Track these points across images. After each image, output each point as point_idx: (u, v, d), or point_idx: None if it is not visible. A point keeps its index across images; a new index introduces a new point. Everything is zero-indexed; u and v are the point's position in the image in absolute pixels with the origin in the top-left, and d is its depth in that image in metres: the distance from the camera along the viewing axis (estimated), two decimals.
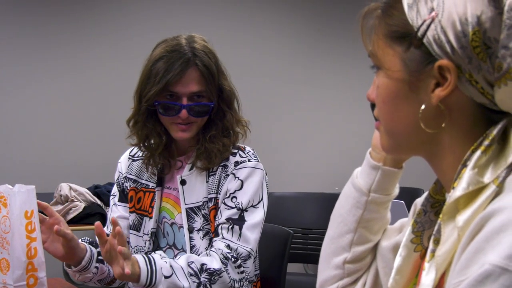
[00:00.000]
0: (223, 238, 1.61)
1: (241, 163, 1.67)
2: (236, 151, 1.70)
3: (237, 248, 1.59)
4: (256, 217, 1.64)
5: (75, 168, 4.31)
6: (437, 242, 0.78)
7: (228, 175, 1.66)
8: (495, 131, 0.76)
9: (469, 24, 0.74)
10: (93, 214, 3.56)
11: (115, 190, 1.86)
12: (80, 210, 3.58)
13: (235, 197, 1.64)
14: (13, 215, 1.28)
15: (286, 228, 2.20)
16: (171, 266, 1.52)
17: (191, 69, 1.61)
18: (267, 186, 1.72)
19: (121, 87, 4.53)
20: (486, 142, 0.76)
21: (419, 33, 0.77)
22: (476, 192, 0.74)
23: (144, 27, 4.56)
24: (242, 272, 1.60)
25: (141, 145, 1.74)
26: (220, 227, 1.62)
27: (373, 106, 0.93)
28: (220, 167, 1.68)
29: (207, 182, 1.68)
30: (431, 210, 0.89)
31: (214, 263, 1.56)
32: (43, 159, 4.32)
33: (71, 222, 3.57)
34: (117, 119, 4.42)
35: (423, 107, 0.79)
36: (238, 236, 1.61)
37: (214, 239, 1.63)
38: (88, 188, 3.76)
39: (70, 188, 3.64)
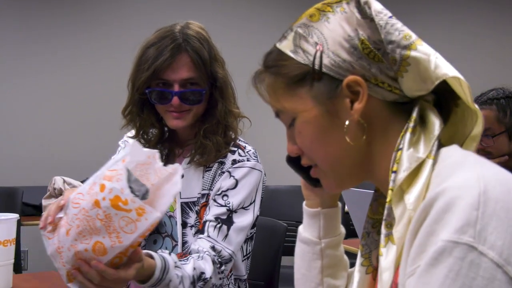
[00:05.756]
0: (208, 236, 1.56)
1: (239, 161, 1.62)
2: (235, 149, 1.65)
3: (221, 251, 1.55)
4: (244, 220, 1.60)
5: (69, 162, 4.30)
6: (389, 226, 0.81)
7: (223, 172, 1.62)
8: (414, 113, 0.83)
9: (353, 38, 0.83)
10: None
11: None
12: None
13: (226, 195, 1.59)
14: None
15: (280, 221, 2.20)
16: (181, 277, 1.44)
17: (181, 55, 1.56)
18: (263, 188, 1.67)
19: (115, 81, 4.52)
20: (411, 124, 0.82)
21: (316, 66, 0.83)
22: (415, 171, 0.79)
23: (136, 22, 4.55)
24: (221, 279, 1.56)
25: (139, 136, 1.70)
26: (207, 224, 1.57)
27: (291, 160, 0.98)
28: (217, 163, 1.63)
29: (203, 178, 1.64)
30: (373, 230, 0.94)
31: (208, 271, 1.50)
32: (37, 153, 4.31)
33: None
34: (111, 112, 4.41)
35: (347, 122, 0.83)
36: (224, 237, 1.56)
37: (199, 236, 1.58)
38: (82, 182, 3.75)
39: (64, 181, 3.63)
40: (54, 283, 1.82)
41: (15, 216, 1.65)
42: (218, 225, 1.57)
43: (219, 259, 1.54)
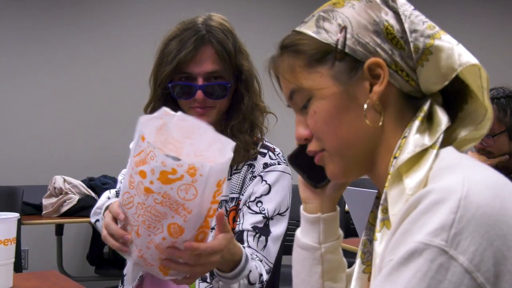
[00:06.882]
0: (249, 246, 1.49)
1: (270, 165, 1.56)
2: (265, 151, 1.58)
3: (262, 261, 1.48)
4: (279, 228, 1.54)
5: (69, 161, 4.30)
6: (385, 211, 0.81)
7: (255, 176, 1.55)
8: (425, 106, 0.83)
9: (378, 23, 0.84)
10: (87, 207, 3.55)
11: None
12: (74, 202, 3.57)
13: (260, 202, 1.53)
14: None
15: None
16: (256, 269, 1.42)
17: (206, 47, 1.49)
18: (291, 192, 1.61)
19: (114, 81, 4.52)
20: (421, 114, 0.83)
21: (340, 46, 0.83)
22: (417, 158, 0.80)
23: (136, 22, 4.55)
24: None
25: None
26: (245, 234, 1.50)
27: (293, 160, 0.98)
28: (246, 166, 1.56)
29: (229, 179, 1.55)
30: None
31: (264, 274, 1.46)
32: (37, 152, 4.31)
33: (65, 215, 3.57)
34: (111, 112, 4.43)
35: (365, 106, 0.83)
36: (263, 247, 1.50)
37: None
38: (82, 181, 3.75)
39: (64, 180, 3.63)
40: (54, 282, 1.82)
41: (16, 215, 1.65)
42: (257, 236, 1.50)
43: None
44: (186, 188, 1.07)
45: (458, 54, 0.82)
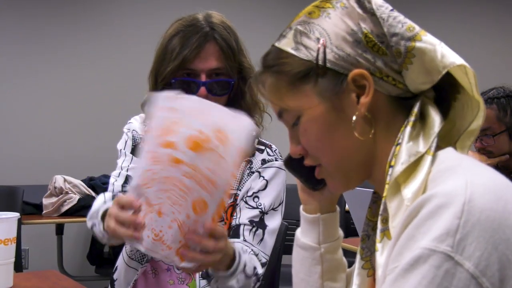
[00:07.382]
0: (244, 240, 1.50)
1: (268, 161, 1.59)
2: (263, 147, 1.61)
3: (258, 254, 1.49)
4: (274, 222, 1.56)
5: (70, 160, 4.30)
6: (385, 220, 0.80)
7: (252, 172, 1.57)
8: (416, 108, 0.82)
9: (356, 32, 0.81)
10: (87, 207, 3.55)
11: (122, 149, 1.68)
12: (75, 202, 3.58)
13: (257, 197, 1.55)
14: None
15: None
16: (251, 261, 1.43)
17: (210, 44, 1.48)
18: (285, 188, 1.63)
19: (115, 81, 4.53)
20: (412, 118, 0.81)
21: (320, 62, 0.81)
22: (413, 166, 0.78)
23: (136, 22, 4.55)
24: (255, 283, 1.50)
25: None
26: (242, 227, 1.52)
27: (289, 163, 0.99)
28: (244, 162, 1.56)
29: None
30: (372, 232, 0.92)
31: (259, 268, 1.47)
32: (37, 152, 4.31)
33: (65, 214, 3.57)
34: (111, 112, 4.43)
35: (354, 118, 0.82)
36: (259, 241, 1.52)
37: (235, 240, 1.49)
38: (82, 180, 3.75)
39: (65, 180, 3.63)
40: (54, 282, 1.82)
41: (16, 215, 1.65)
42: (254, 229, 1.52)
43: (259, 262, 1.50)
44: (213, 157, 1.07)
45: (442, 55, 0.80)
